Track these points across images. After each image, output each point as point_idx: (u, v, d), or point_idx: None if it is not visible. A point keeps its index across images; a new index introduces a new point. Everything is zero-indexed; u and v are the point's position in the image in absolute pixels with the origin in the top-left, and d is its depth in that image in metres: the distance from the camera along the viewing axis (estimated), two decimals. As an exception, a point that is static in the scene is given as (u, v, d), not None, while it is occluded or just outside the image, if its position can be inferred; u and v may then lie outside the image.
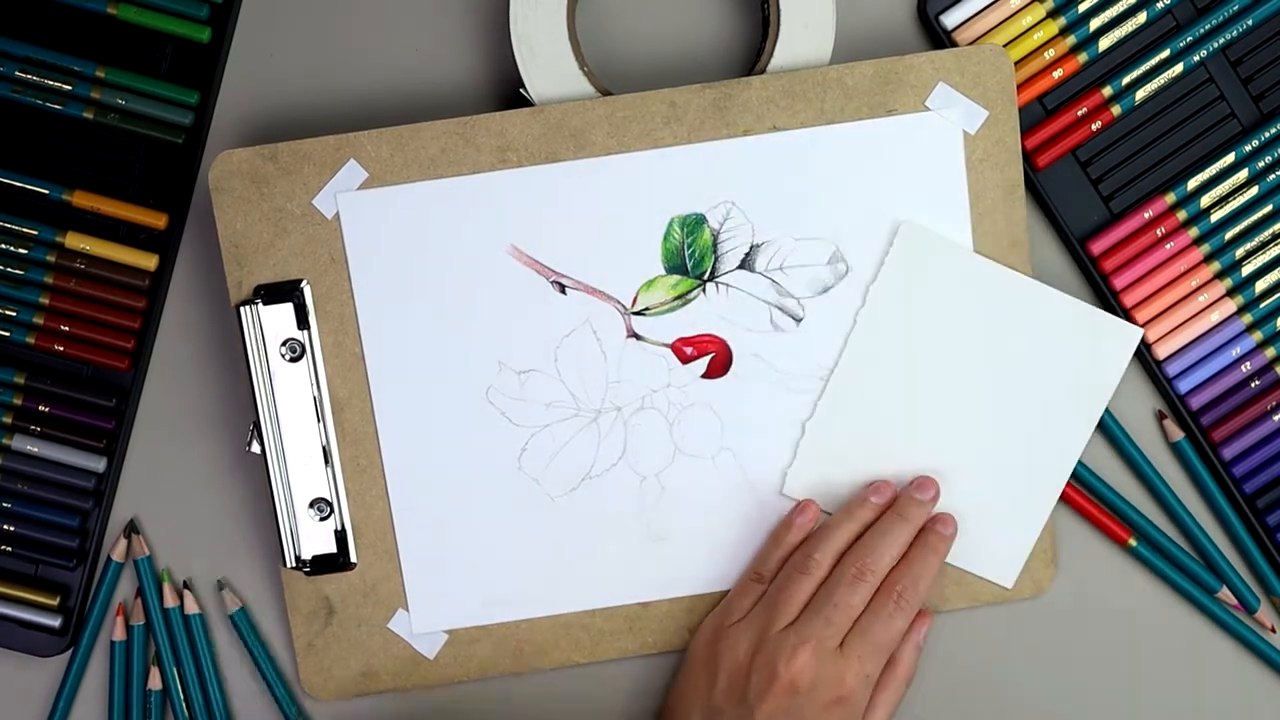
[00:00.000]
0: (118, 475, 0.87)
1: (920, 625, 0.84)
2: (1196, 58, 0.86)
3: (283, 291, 0.83)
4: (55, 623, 0.86)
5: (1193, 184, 0.87)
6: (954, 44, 0.86)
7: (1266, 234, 0.87)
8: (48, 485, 0.86)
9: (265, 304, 0.83)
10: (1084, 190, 0.87)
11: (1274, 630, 0.89)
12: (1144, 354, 0.87)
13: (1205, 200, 0.87)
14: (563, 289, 0.84)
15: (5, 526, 0.86)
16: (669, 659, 0.88)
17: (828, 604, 0.81)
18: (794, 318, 0.85)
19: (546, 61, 0.84)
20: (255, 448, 0.84)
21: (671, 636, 0.86)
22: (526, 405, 0.85)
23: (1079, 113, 0.86)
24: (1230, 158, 0.87)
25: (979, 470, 0.85)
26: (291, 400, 0.84)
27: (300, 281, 0.84)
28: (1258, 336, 0.87)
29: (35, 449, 0.86)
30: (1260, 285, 0.87)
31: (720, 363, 0.85)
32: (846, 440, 0.85)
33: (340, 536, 0.85)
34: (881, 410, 0.85)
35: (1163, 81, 0.86)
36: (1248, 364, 0.87)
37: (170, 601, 0.87)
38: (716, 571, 0.86)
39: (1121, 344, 0.85)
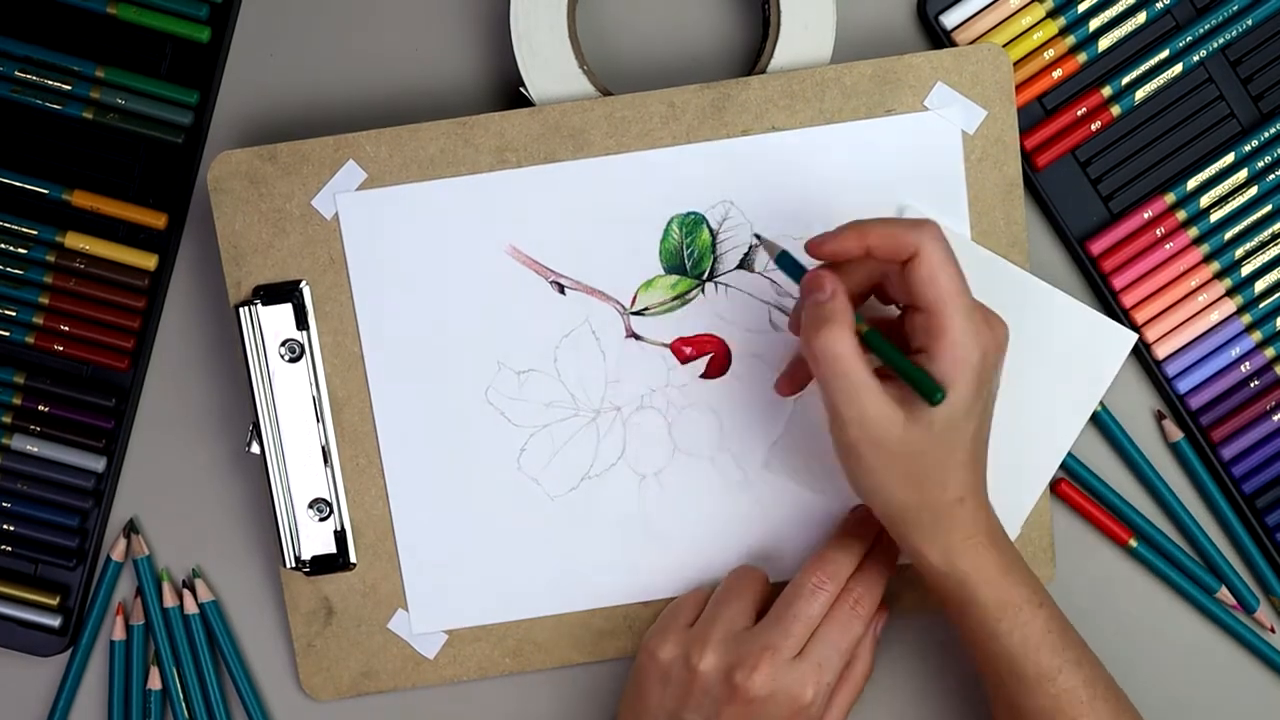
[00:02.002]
0: (117, 475, 0.87)
1: (877, 620, 0.83)
2: (1196, 58, 0.86)
3: (282, 292, 0.83)
4: (55, 622, 0.86)
5: (1192, 184, 0.87)
6: (954, 44, 0.86)
7: (1266, 234, 0.87)
8: (47, 485, 0.86)
9: (264, 304, 0.83)
10: (1083, 190, 0.87)
11: (1273, 630, 0.89)
12: (1143, 354, 0.87)
13: (1205, 200, 0.87)
14: (562, 289, 0.84)
15: (5, 526, 0.86)
16: (668, 659, 0.88)
17: (786, 614, 0.80)
18: (793, 318, 0.85)
19: (546, 61, 0.84)
20: (255, 448, 0.84)
21: (671, 636, 0.86)
22: (525, 405, 0.85)
23: (1078, 113, 0.86)
24: (1230, 158, 0.87)
25: None
26: (291, 400, 0.84)
27: (299, 282, 0.84)
28: (1257, 336, 0.87)
29: (35, 449, 0.86)
30: (1260, 285, 0.87)
31: (719, 362, 0.85)
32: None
33: (340, 537, 0.85)
34: None
35: (1162, 82, 0.86)
36: (1247, 364, 0.87)
37: (170, 601, 0.87)
38: (715, 571, 0.86)
39: (1116, 347, 0.85)
